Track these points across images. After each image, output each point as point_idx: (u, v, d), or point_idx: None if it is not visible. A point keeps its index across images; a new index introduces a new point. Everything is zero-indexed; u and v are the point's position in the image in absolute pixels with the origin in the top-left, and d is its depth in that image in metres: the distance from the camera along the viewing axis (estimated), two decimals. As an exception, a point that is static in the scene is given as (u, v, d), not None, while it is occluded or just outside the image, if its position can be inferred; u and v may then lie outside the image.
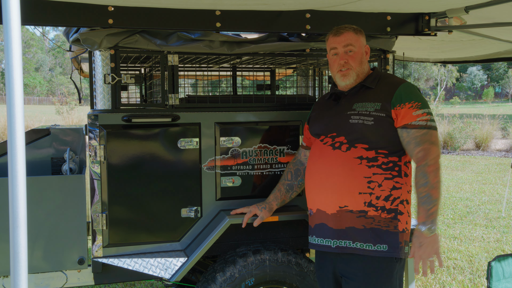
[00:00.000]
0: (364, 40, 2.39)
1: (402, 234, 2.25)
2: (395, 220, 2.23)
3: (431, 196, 2.14)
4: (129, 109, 2.59)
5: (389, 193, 2.23)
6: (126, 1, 2.27)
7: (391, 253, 2.22)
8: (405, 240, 2.27)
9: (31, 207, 2.42)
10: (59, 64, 56.96)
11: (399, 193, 2.25)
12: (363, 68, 2.37)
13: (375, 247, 2.22)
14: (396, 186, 2.24)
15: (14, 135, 1.17)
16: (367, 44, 2.42)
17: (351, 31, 2.34)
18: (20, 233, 1.18)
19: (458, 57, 4.44)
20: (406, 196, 2.28)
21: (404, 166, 2.27)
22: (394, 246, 2.22)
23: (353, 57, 2.33)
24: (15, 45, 1.16)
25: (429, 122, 2.22)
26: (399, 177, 2.25)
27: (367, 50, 2.40)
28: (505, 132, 16.33)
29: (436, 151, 2.19)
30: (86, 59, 3.10)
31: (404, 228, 2.27)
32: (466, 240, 5.88)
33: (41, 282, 2.59)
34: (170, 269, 2.53)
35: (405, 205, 2.28)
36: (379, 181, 2.22)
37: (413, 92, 2.27)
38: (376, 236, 2.22)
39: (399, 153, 2.26)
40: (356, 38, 2.35)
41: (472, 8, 2.47)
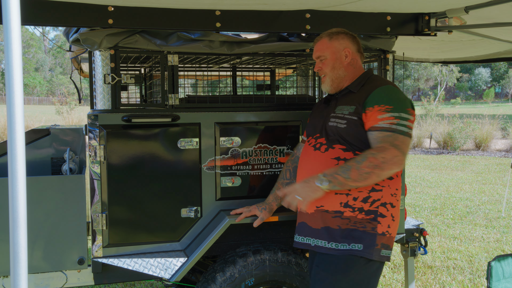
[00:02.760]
0: (344, 43, 2.37)
1: (381, 236, 2.23)
2: (374, 222, 2.22)
3: (348, 171, 2.13)
4: (129, 109, 2.59)
5: (367, 194, 2.23)
6: (126, 1, 2.27)
7: (364, 253, 2.21)
8: (384, 243, 2.24)
9: (31, 207, 2.42)
10: (59, 64, 56.96)
11: (379, 195, 2.23)
12: (336, 73, 2.37)
13: (350, 246, 2.23)
14: (376, 188, 2.23)
15: (14, 135, 1.17)
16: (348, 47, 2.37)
17: (325, 38, 2.39)
18: (20, 233, 1.18)
19: (458, 57, 4.43)
20: (390, 199, 2.25)
21: None
22: (369, 247, 2.21)
23: (325, 64, 2.39)
24: (15, 45, 1.16)
25: (394, 126, 2.17)
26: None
27: (348, 53, 2.37)
28: (505, 132, 16.34)
29: (392, 153, 2.11)
30: (86, 59, 3.10)
31: (385, 232, 2.24)
32: (466, 240, 5.88)
33: (41, 282, 2.59)
34: (170, 269, 2.53)
35: (389, 208, 2.25)
36: None
37: (387, 96, 2.25)
38: (351, 236, 2.23)
39: None
40: (328, 45, 2.37)
41: (472, 8, 2.47)
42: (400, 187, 2.31)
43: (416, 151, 14.86)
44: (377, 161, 2.12)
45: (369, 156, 2.13)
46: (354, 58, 2.40)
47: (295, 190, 2.23)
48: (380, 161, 2.12)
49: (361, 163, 2.13)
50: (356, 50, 2.42)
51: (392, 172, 2.19)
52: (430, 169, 11.41)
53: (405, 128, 2.19)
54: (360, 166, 2.13)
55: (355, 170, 2.13)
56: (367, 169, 2.12)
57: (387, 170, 2.14)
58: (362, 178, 2.14)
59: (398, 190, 2.29)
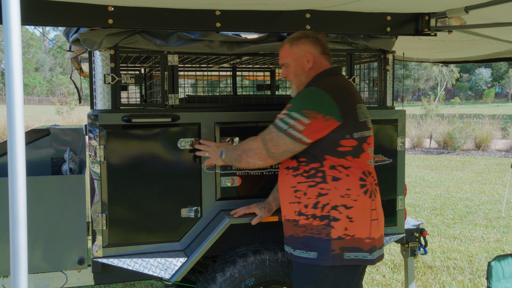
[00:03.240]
0: (305, 48, 2.36)
1: (338, 241, 2.20)
2: (328, 227, 2.21)
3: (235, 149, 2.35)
4: (129, 109, 2.59)
5: (316, 200, 2.23)
6: (126, 1, 2.27)
7: (319, 260, 2.21)
8: (345, 247, 2.20)
9: (31, 207, 2.42)
10: (59, 64, 56.96)
11: (327, 199, 2.21)
12: (299, 79, 2.37)
13: (307, 254, 2.25)
14: (321, 192, 2.22)
15: (14, 135, 1.17)
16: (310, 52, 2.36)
17: (287, 44, 2.40)
18: (20, 233, 1.18)
19: (458, 57, 4.43)
20: (341, 201, 2.21)
21: (330, 170, 2.22)
22: (324, 254, 2.20)
23: (288, 71, 2.41)
24: (15, 45, 1.16)
25: (277, 120, 2.23)
26: (324, 183, 2.22)
27: (309, 58, 2.35)
28: (505, 132, 16.34)
29: (257, 144, 2.25)
30: (86, 59, 3.10)
31: (342, 235, 2.20)
32: (466, 240, 5.88)
33: (41, 282, 2.59)
34: (170, 269, 2.53)
35: (342, 210, 2.21)
36: (303, 190, 2.25)
37: (299, 95, 2.26)
38: (308, 244, 2.24)
39: (320, 159, 2.23)
40: (289, 51, 2.38)
41: (472, 8, 2.47)
42: (355, 186, 2.22)
43: (416, 151, 14.86)
44: (246, 147, 2.30)
45: (247, 141, 2.32)
46: (317, 62, 2.37)
47: (210, 147, 2.50)
48: (247, 147, 2.29)
49: (240, 145, 2.33)
50: (320, 53, 2.38)
51: (256, 163, 2.28)
52: (430, 169, 11.41)
53: (285, 125, 2.19)
54: (239, 147, 2.34)
55: (235, 150, 2.35)
56: (239, 152, 2.32)
57: (250, 159, 2.28)
58: (236, 159, 2.35)
59: (351, 190, 2.22)
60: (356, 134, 2.23)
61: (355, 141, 2.23)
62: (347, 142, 2.21)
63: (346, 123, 2.20)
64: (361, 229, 2.23)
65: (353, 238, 2.21)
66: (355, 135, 2.23)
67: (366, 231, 2.24)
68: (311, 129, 2.17)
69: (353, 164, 2.23)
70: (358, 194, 2.22)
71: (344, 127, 2.20)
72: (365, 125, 2.30)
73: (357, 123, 2.25)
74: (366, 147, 2.29)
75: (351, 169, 2.23)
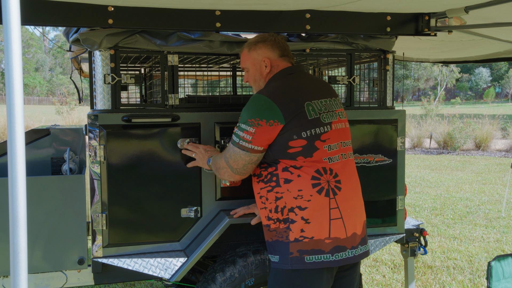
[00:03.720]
0: (262, 52, 2.36)
1: (295, 243, 2.16)
2: (287, 230, 2.20)
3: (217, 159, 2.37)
4: (129, 109, 2.59)
5: (275, 204, 2.23)
6: (126, 1, 2.27)
7: (280, 264, 2.21)
8: (301, 249, 2.15)
9: (31, 207, 2.42)
10: (59, 64, 56.96)
11: (283, 202, 2.20)
12: (258, 85, 2.38)
13: (274, 257, 2.26)
14: (277, 196, 2.22)
15: (14, 135, 1.17)
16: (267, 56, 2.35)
17: (245, 49, 2.41)
18: (20, 233, 1.18)
19: (458, 57, 4.43)
20: (294, 202, 2.17)
21: (283, 172, 2.20)
22: (283, 257, 2.19)
23: (248, 77, 2.43)
24: (15, 45, 1.16)
25: (233, 135, 2.27)
26: (277, 186, 2.21)
27: (267, 62, 2.35)
28: (505, 132, 16.35)
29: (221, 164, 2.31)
30: (86, 59, 3.10)
31: (299, 237, 2.16)
32: (466, 240, 5.88)
33: (41, 282, 2.59)
34: (170, 269, 2.53)
35: (297, 212, 2.17)
36: (265, 195, 2.26)
37: (247, 105, 2.26)
38: (274, 247, 2.25)
39: (275, 162, 2.23)
40: (248, 56, 2.39)
41: (472, 8, 2.47)
42: (307, 186, 2.17)
43: (416, 151, 14.86)
44: (218, 165, 2.36)
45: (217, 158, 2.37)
46: (274, 66, 2.36)
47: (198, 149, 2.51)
48: (218, 166, 2.35)
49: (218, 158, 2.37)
50: (278, 56, 2.37)
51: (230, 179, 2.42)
52: (430, 169, 11.41)
53: (237, 138, 2.23)
54: (216, 161, 2.38)
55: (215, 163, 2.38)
56: (214, 168, 2.40)
57: (222, 176, 2.36)
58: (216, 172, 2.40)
59: (302, 191, 2.16)
60: (305, 133, 2.17)
61: (304, 141, 2.17)
62: (295, 143, 2.17)
63: (291, 124, 2.16)
64: (319, 230, 2.16)
65: (312, 240, 2.16)
66: (304, 135, 2.17)
67: (325, 231, 2.17)
68: (259, 137, 2.17)
69: (305, 163, 2.18)
70: (311, 194, 2.16)
71: (290, 128, 2.16)
72: (317, 122, 2.21)
73: (305, 122, 2.18)
74: (319, 144, 2.19)
75: (303, 168, 2.18)
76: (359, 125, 2.89)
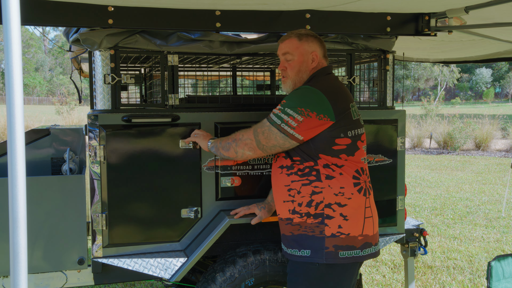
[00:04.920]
0: (313, 46, 2.35)
1: (332, 239, 2.21)
2: (321, 225, 2.22)
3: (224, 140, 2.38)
4: (129, 109, 2.59)
5: (310, 198, 2.23)
6: (126, 1, 2.27)
7: (313, 258, 2.21)
8: (339, 245, 2.21)
9: (31, 207, 2.42)
10: (59, 64, 56.97)
11: (321, 197, 2.22)
12: (301, 76, 2.36)
13: (300, 252, 2.25)
14: (315, 191, 2.23)
15: (14, 135, 1.17)
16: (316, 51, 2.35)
17: (295, 37, 2.36)
18: (20, 233, 1.18)
19: (458, 57, 4.43)
20: (334, 199, 2.22)
21: (324, 169, 2.23)
22: (317, 251, 2.21)
23: (291, 65, 2.36)
24: (15, 45, 1.16)
25: (272, 114, 2.25)
26: (318, 181, 2.22)
27: (315, 56, 2.35)
28: (505, 132, 16.35)
29: (248, 135, 2.29)
30: (86, 59, 3.10)
31: (335, 233, 2.21)
32: (466, 240, 5.88)
33: (41, 282, 2.59)
34: (170, 269, 2.53)
35: (335, 208, 2.22)
36: (297, 188, 2.25)
37: (294, 93, 2.27)
38: (301, 242, 2.25)
39: (314, 157, 2.24)
40: (298, 45, 2.34)
41: (472, 8, 2.47)
42: (349, 184, 2.23)
43: (416, 151, 14.86)
44: (237, 136, 2.33)
45: (238, 132, 2.34)
46: (319, 63, 2.37)
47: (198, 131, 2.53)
48: (238, 137, 2.32)
49: (232, 134, 2.35)
50: (323, 55, 2.40)
51: (245, 153, 2.32)
52: (430, 169, 11.41)
53: (278, 120, 2.21)
54: (229, 137, 2.36)
55: (225, 139, 2.37)
56: (230, 140, 2.35)
57: (240, 148, 2.31)
58: (224, 147, 2.37)
59: (344, 188, 2.23)
60: (350, 133, 2.25)
61: (349, 139, 2.25)
62: (341, 141, 2.23)
63: (340, 122, 2.22)
64: (355, 227, 2.24)
65: (348, 236, 2.23)
66: (349, 134, 2.25)
67: (359, 229, 2.26)
68: (304, 127, 2.18)
69: (347, 162, 2.25)
70: (352, 192, 2.23)
71: (338, 126, 2.21)
72: (358, 123, 2.32)
73: (351, 122, 2.26)
74: (360, 145, 2.30)
75: (345, 167, 2.24)
76: (359, 125, 2.89)
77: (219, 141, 2.41)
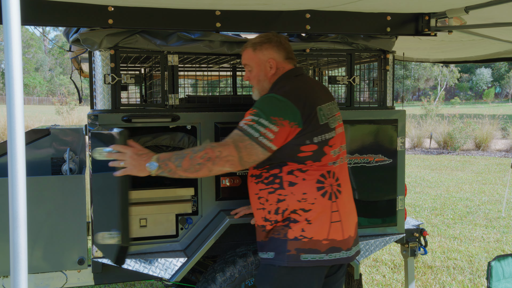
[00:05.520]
0: (268, 53, 2.31)
1: (294, 242, 2.17)
2: (286, 228, 2.19)
3: (182, 159, 2.05)
4: (129, 109, 2.59)
5: (276, 206, 2.22)
6: (126, 1, 2.27)
7: (275, 260, 2.20)
8: (301, 248, 2.16)
9: (31, 207, 2.41)
10: (59, 64, 56.95)
11: (286, 204, 2.19)
12: (262, 85, 2.34)
13: (266, 254, 2.25)
14: (280, 198, 2.20)
15: (14, 135, 1.17)
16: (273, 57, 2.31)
17: (250, 48, 2.34)
18: (20, 233, 1.18)
19: (458, 57, 4.44)
20: (297, 205, 2.18)
21: (288, 176, 2.18)
22: (279, 253, 2.19)
23: (252, 76, 2.36)
24: (15, 45, 1.16)
25: (246, 126, 2.11)
26: (281, 189, 2.19)
27: (272, 64, 2.31)
28: (505, 132, 16.35)
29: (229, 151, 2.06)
30: (86, 59, 3.10)
31: (298, 236, 2.17)
32: (466, 240, 5.88)
33: (41, 282, 2.59)
34: (170, 269, 2.53)
35: (301, 213, 2.18)
36: (265, 196, 2.24)
37: (263, 100, 2.19)
38: (269, 244, 2.25)
39: (279, 165, 2.19)
40: (253, 56, 2.33)
41: (472, 8, 2.47)
42: (311, 189, 2.18)
43: (416, 151, 14.87)
44: (213, 154, 2.06)
45: (208, 147, 2.07)
46: (280, 67, 2.33)
47: (125, 155, 2.05)
48: (216, 155, 2.06)
49: (197, 153, 2.06)
50: (283, 58, 2.34)
51: (223, 170, 2.10)
52: (430, 169, 11.42)
53: (256, 133, 2.09)
54: (195, 155, 2.06)
55: (188, 160, 2.05)
56: (201, 160, 2.05)
57: (218, 166, 2.07)
58: (193, 169, 2.06)
59: (307, 194, 2.17)
60: (317, 138, 2.17)
61: (315, 146, 2.17)
62: (307, 148, 2.16)
63: (307, 128, 2.15)
64: (319, 231, 2.18)
65: (311, 240, 2.17)
66: (315, 140, 2.17)
67: (324, 233, 2.19)
68: (279, 137, 2.11)
69: (312, 167, 2.18)
70: (315, 197, 2.17)
71: (305, 133, 2.14)
72: (326, 127, 2.22)
73: (317, 127, 2.18)
74: (327, 150, 2.21)
75: (309, 171, 2.18)
76: (359, 125, 2.89)
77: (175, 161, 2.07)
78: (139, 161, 2.05)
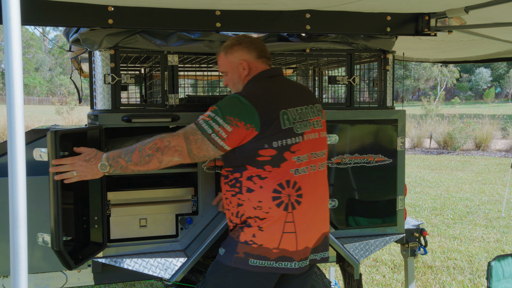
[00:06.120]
0: (238, 55, 2.29)
1: (244, 245, 2.14)
2: (240, 230, 2.18)
3: (131, 153, 2.06)
4: (129, 109, 2.59)
5: (237, 209, 2.20)
6: (126, 1, 2.27)
7: (223, 258, 2.19)
8: (250, 253, 2.13)
9: (31, 207, 2.41)
10: (59, 64, 56.97)
11: (243, 209, 2.17)
12: (237, 88, 2.32)
13: (220, 250, 2.24)
14: (239, 202, 2.18)
15: (14, 135, 1.17)
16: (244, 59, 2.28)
17: (222, 52, 2.34)
18: (20, 233, 1.18)
19: (458, 57, 4.44)
20: (253, 212, 2.15)
21: (247, 181, 2.15)
22: (229, 253, 2.17)
23: (228, 80, 2.36)
24: (15, 45, 1.16)
25: (201, 121, 2.10)
26: (240, 193, 2.17)
27: (244, 65, 2.29)
28: (505, 132, 16.36)
29: (179, 141, 2.05)
30: (86, 59, 3.10)
31: (248, 241, 2.14)
32: (466, 240, 5.89)
33: (41, 282, 2.59)
34: (170, 269, 2.53)
35: (256, 220, 2.14)
36: (229, 198, 2.23)
37: (223, 100, 2.16)
38: (225, 241, 2.24)
39: (240, 168, 2.17)
40: (225, 60, 2.32)
41: (472, 8, 2.47)
42: (267, 198, 2.13)
43: (416, 151, 14.87)
44: (162, 144, 2.05)
45: (157, 138, 2.06)
46: (252, 68, 2.30)
47: (74, 165, 2.07)
48: (165, 144, 2.05)
49: (146, 144, 2.06)
50: (255, 58, 2.31)
51: (173, 161, 2.07)
52: (430, 169, 11.42)
53: (209, 129, 2.07)
54: (144, 148, 2.06)
55: (137, 153, 2.05)
56: (150, 151, 2.05)
57: (168, 156, 2.06)
58: (143, 161, 2.06)
59: (262, 202, 2.13)
60: (276, 143, 2.11)
61: (274, 151, 2.11)
62: (265, 152, 2.11)
63: (265, 133, 2.10)
64: (270, 240, 2.14)
65: (260, 247, 2.14)
66: (274, 144, 2.11)
67: (275, 242, 2.14)
68: (233, 137, 2.09)
69: (270, 174, 2.13)
70: (270, 206, 2.13)
71: (263, 136, 2.09)
72: (290, 132, 2.15)
73: (278, 131, 2.12)
74: (288, 156, 2.14)
75: (267, 179, 2.13)
76: (359, 125, 2.89)
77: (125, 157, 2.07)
78: (90, 166, 2.08)
